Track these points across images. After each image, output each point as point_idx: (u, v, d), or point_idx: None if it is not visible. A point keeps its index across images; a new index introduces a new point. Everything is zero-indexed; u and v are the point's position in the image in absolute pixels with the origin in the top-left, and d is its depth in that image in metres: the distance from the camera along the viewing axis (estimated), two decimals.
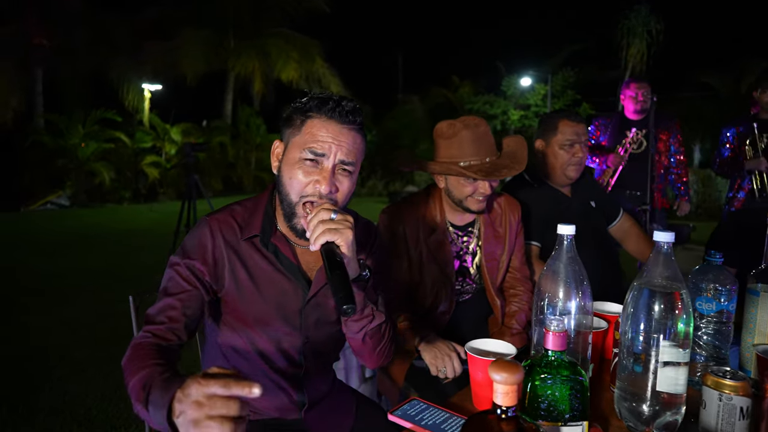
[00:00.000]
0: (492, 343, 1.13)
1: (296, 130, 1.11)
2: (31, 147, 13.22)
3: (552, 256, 1.06)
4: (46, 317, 4.47)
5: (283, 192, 1.12)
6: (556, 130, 2.16)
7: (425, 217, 1.80)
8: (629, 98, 3.80)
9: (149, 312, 1.12)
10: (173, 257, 1.18)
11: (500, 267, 1.87)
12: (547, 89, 15.91)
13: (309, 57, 17.34)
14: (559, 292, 1.04)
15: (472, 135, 1.67)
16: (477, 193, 1.70)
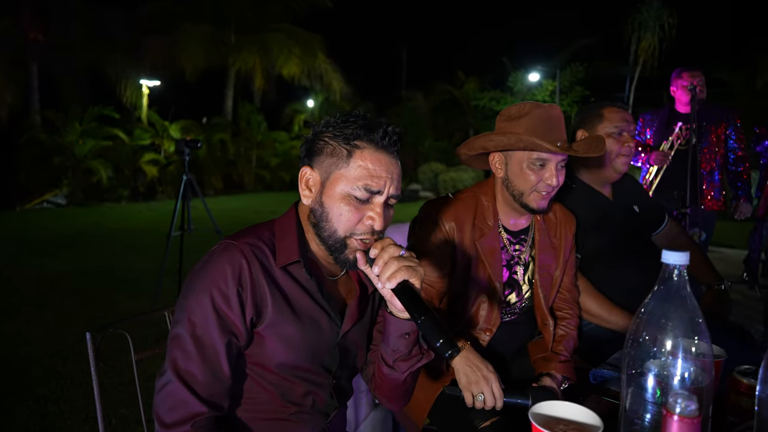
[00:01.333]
0: (563, 407, 0.83)
1: (341, 162, 1.01)
2: (27, 144, 12.95)
3: (654, 293, 0.76)
4: (31, 325, 4.20)
5: (326, 226, 1.03)
6: (602, 117, 1.88)
7: (476, 215, 1.54)
8: (682, 89, 3.43)
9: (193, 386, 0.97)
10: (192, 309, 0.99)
11: (554, 283, 1.62)
12: (555, 85, 15.57)
13: (311, 52, 17.04)
14: (666, 341, 0.74)
15: (545, 114, 1.46)
16: (542, 184, 1.46)
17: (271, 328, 1.02)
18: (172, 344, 0.99)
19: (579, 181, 1.97)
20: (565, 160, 1.48)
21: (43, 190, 12.91)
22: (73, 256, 6.97)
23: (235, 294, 0.97)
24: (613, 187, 2.02)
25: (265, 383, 1.05)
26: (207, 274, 0.99)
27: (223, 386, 0.98)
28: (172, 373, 0.96)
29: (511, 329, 1.61)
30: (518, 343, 1.64)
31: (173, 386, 0.95)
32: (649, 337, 0.76)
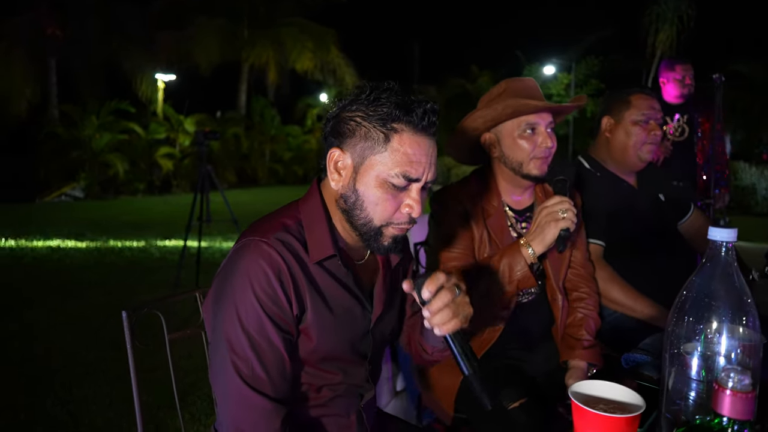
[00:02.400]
0: (603, 386, 0.83)
1: (377, 146, 0.94)
2: (45, 138, 13.18)
3: (700, 269, 0.75)
4: (54, 313, 4.28)
5: (360, 215, 0.97)
6: (629, 104, 1.85)
7: (482, 197, 1.56)
8: (674, 81, 3.44)
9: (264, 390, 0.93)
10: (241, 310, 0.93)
11: (564, 259, 1.61)
12: (570, 78, 15.39)
13: (324, 47, 17.05)
14: (712, 320, 0.73)
15: (521, 84, 1.54)
16: (538, 150, 1.47)
17: (311, 323, 0.99)
18: (227, 356, 0.92)
19: (604, 170, 1.94)
20: (552, 124, 1.51)
21: (61, 183, 13.13)
22: (92, 248, 7.07)
23: (281, 291, 0.93)
24: (638, 176, 1.99)
25: (303, 374, 1.04)
26: (245, 276, 0.93)
27: (288, 383, 0.97)
28: (242, 386, 0.91)
29: (530, 314, 1.58)
30: (540, 330, 1.61)
31: (248, 400, 0.91)
32: (694, 315, 0.75)
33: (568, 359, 1.52)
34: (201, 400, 2.83)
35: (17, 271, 5.69)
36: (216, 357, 0.95)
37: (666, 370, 0.79)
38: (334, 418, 1.08)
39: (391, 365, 2.35)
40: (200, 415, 2.72)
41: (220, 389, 0.94)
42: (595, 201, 1.83)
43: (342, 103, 1.00)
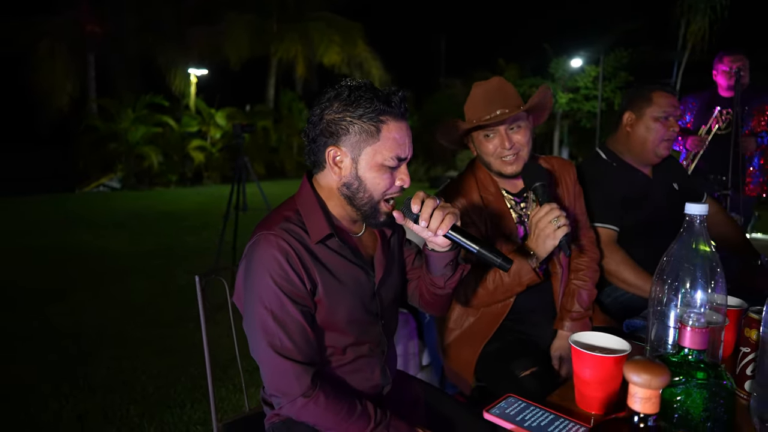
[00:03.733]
0: (597, 336, 1.00)
1: (370, 138, 1.12)
2: (85, 131, 13.72)
3: (678, 238, 0.91)
4: (99, 296, 4.59)
5: (363, 196, 1.16)
6: (651, 101, 1.97)
7: (479, 188, 1.71)
8: (722, 73, 3.44)
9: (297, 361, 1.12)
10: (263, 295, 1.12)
11: None
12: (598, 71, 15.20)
13: (351, 41, 17.22)
14: (686, 281, 0.89)
15: (481, 91, 1.64)
16: (498, 151, 1.61)
17: (323, 294, 1.15)
18: (259, 334, 1.11)
19: (619, 160, 2.08)
20: (515, 122, 1.59)
21: (99, 174, 13.68)
22: (130, 236, 7.44)
23: (293, 272, 1.10)
24: (653, 167, 2.11)
25: (327, 339, 1.22)
26: (262, 266, 1.10)
27: (313, 346, 1.14)
28: (274, 355, 1.09)
29: (536, 291, 1.69)
30: (545, 304, 1.74)
31: (281, 366, 1.09)
32: (672, 276, 0.91)
33: (557, 329, 1.68)
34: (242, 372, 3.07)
35: (63, 257, 6.06)
36: (251, 334, 1.15)
37: (650, 322, 0.95)
38: (360, 374, 1.26)
39: (418, 342, 2.54)
40: (242, 386, 2.96)
41: (259, 359, 1.14)
42: (611, 189, 1.98)
43: (321, 106, 1.16)
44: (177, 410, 2.70)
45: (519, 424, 0.89)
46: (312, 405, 1.09)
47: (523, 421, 0.90)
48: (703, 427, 0.76)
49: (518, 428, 0.89)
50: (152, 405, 2.76)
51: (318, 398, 1.09)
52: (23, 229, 7.90)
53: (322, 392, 1.10)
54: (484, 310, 1.70)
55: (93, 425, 2.56)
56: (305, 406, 1.09)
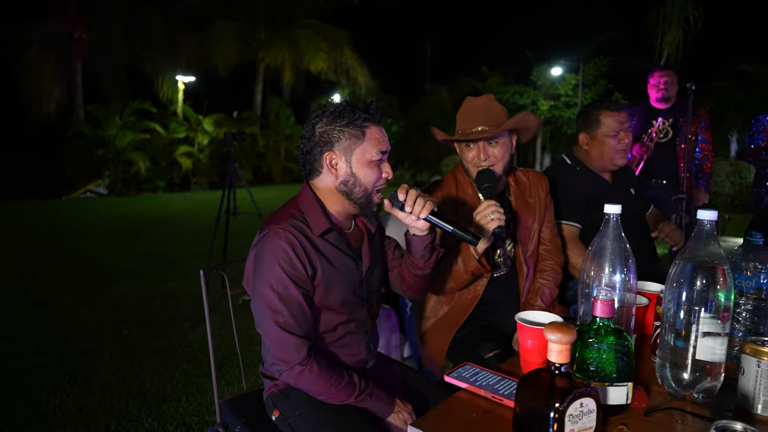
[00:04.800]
0: (539, 314, 1.22)
1: (358, 141, 1.37)
2: (72, 137, 13.74)
3: (599, 233, 1.13)
4: (95, 298, 4.72)
5: (358, 190, 1.39)
6: (600, 122, 2.23)
7: (457, 191, 1.92)
8: (652, 86, 3.81)
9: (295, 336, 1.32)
10: (272, 281, 1.31)
11: (532, 236, 1.96)
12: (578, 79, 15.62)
13: (338, 48, 17.47)
14: (605, 267, 1.11)
15: (468, 107, 1.83)
16: (475, 161, 1.82)
17: (321, 278, 1.36)
18: (265, 311, 1.30)
19: (582, 166, 2.32)
20: (493, 138, 1.78)
21: (86, 181, 13.69)
22: (121, 241, 7.55)
23: (298, 261, 1.30)
24: (613, 173, 2.36)
25: (322, 318, 1.43)
26: (271, 255, 1.30)
27: (310, 323, 1.34)
28: (277, 329, 1.29)
29: (502, 285, 1.92)
30: (511, 297, 1.95)
31: (283, 338, 1.29)
32: (595, 264, 1.13)
33: None
34: (234, 368, 3.24)
35: (53, 262, 6.17)
36: (258, 312, 1.35)
37: (579, 301, 1.17)
38: (348, 349, 1.48)
39: (399, 335, 2.75)
40: (234, 380, 3.13)
41: (264, 333, 1.34)
42: (574, 190, 2.22)
43: (311, 123, 1.40)
44: (173, 403, 2.86)
45: (472, 383, 1.10)
46: (307, 372, 1.30)
47: (475, 381, 1.11)
48: (611, 376, 0.98)
49: (471, 386, 1.10)
50: (150, 399, 2.91)
51: (312, 367, 1.30)
52: (10, 234, 7.96)
53: (316, 362, 1.31)
54: (456, 301, 1.91)
55: (94, 418, 2.71)
56: (301, 373, 1.30)
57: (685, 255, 1.04)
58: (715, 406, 1.04)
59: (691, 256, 1.03)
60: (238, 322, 1.82)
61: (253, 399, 1.59)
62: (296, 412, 1.37)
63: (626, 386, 0.99)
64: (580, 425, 0.87)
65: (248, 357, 3.32)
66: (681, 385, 1.05)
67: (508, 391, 1.06)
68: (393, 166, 6.24)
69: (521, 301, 1.95)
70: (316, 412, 1.35)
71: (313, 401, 1.36)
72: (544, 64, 16.32)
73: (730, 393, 1.06)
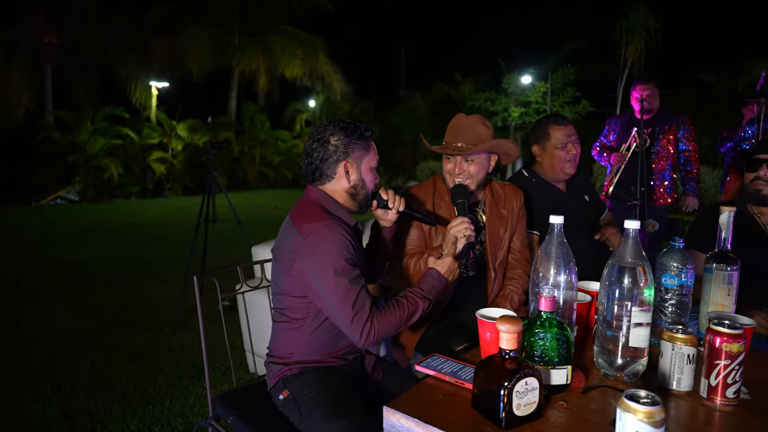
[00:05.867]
0: (497, 311, 1.40)
1: (365, 152, 1.66)
2: (41, 143, 13.49)
3: (545, 240, 1.33)
4: (73, 305, 4.75)
5: (364, 192, 1.67)
6: (549, 135, 2.45)
7: (434, 195, 2.12)
8: (635, 99, 4.00)
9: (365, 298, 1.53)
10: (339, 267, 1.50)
11: (502, 245, 2.14)
12: (547, 86, 16.11)
13: (313, 54, 17.58)
14: (551, 269, 1.30)
15: (454, 122, 2.04)
16: (450, 171, 2.03)
17: None
18: (337, 290, 1.47)
19: (539, 178, 2.54)
20: (469, 156, 1.97)
21: (56, 187, 13.45)
22: (96, 247, 7.51)
23: (352, 247, 1.52)
24: (567, 182, 2.58)
25: None
26: (333, 245, 1.49)
27: (366, 289, 1.54)
28: (350, 302, 1.46)
29: (472, 285, 2.11)
30: (479, 296, 2.14)
31: (354, 305, 1.46)
32: (543, 267, 1.32)
33: None
34: (216, 370, 3.35)
35: (28, 268, 6.14)
36: (327, 293, 1.49)
37: (530, 298, 1.36)
38: None
39: None
40: (217, 383, 3.24)
41: (332, 304, 1.48)
42: (532, 201, 2.43)
43: (324, 136, 1.62)
44: (158, 406, 2.95)
45: (439, 371, 1.28)
46: (381, 314, 1.51)
47: (441, 369, 1.29)
48: (554, 360, 1.17)
49: (438, 373, 1.27)
50: (134, 402, 3.00)
51: (376, 312, 1.51)
52: None
53: (378, 311, 1.52)
54: None
55: (79, 422, 2.78)
56: (381, 315, 1.50)
57: (615, 259, 1.24)
58: (641, 385, 1.24)
59: (619, 260, 1.23)
60: (218, 326, 1.96)
61: (244, 393, 1.74)
62: (305, 391, 1.57)
63: (566, 369, 1.18)
64: (525, 400, 1.05)
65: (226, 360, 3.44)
66: (613, 367, 1.25)
67: (468, 376, 1.24)
68: None
69: (488, 302, 2.14)
70: (322, 391, 1.56)
71: (321, 382, 1.57)
72: (514, 72, 16.76)
73: (653, 373, 1.26)
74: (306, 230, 1.53)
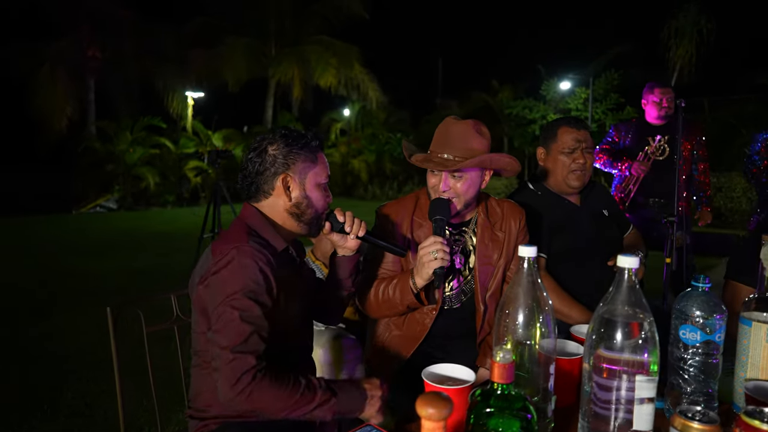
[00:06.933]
0: (452, 368, 1.07)
1: (312, 164, 1.41)
2: (83, 153, 13.95)
3: (512, 280, 1.00)
4: (83, 317, 4.67)
5: (311, 212, 1.42)
6: (556, 137, 2.09)
7: (415, 211, 1.77)
8: (652, 103, 3.65)
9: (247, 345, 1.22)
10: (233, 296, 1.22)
11: (495, 273, 1.76)
12: (588, 93, 15.39)
13: (348, 63, 17.52)
14: (518, 317, 0.97)
15: (442, 129, 1.71)
16: (434, 187, 1.68)
17: (279, 297, 1.32)
18: (228, 328, 1.20)
19: (546, 190, 2.16)
20: (457, 171, 1.62)
21: (96, 195, 13.86)
22: (122, 256, 7.54)
23: (263, 278, 1.25)
24: (581, 194, 2.20)
25: (272, 337, 1.32)
26: (234, 270, 1.23)
27: (266, 340, 1.24)
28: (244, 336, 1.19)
29: (455, 320, 1.75)
30: (464, 333, 1.76)
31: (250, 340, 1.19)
32: (510, 310, 0.99)
33: (480, 365, 1.69)
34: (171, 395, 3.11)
35: (54, 277, 6.18)
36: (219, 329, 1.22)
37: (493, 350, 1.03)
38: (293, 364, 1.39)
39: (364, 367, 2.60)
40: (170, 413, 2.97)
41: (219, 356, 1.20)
42: (538, 218, 2.06)
43: (262, 145, 1.39)
44: None
45: None
46: (266, 382, 1.17)
47: None
48: None
49: None
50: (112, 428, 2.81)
51: (266, 374, 1.19)
52: (13, 249, 8.03)
53: (268, 370, 1.20)
54: (405, 330, 1.75)
55: None
56: (260, 382, 1.17)
57: (604, 308, 0.90)
58: None
59: (609, 310, 0.89)
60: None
61: None
62: None
63: None
64: None
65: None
66: None
67: None
68: (402, 182, 6.27)
69: (477, 341, 1.78)
70: None
71: None
72: (554, 78, 16.13)
73: None
74: (218, 253, 1.28)
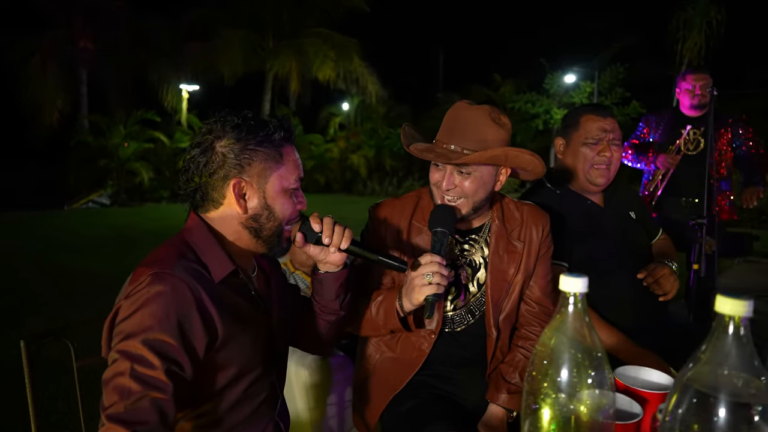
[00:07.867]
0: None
1: (275, 164, 1.09)
2: (75, 147, 13.67)
3: (554, 319, 0.70)
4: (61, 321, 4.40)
5: (271, 225, 1.10)
6: (578, 125, 1.80)
7: (415, 214, 1.46)
8: (685, 91, 3.32)
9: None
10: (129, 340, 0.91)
11: (511, 291, 1.46)
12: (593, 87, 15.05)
13: (347, 56, 17.16)
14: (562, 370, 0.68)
15: (452, 115, 1.41)
16: (437, 183, 1.39)
17: (223, 343, 1.01)
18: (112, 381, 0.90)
19: (565, 189, 1.87)
20: (465, 167, 1.34)
21: (89, 191, 13.59)
22: (111, 255, 7.30)
23: (186, 322, 0.94)
24: (605, 194, 1.91)
25: (216, 395, 1.05)
26: (141, 306, 0.93)
27: (170, 420, 0.91)
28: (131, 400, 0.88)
29: (462, 342, 1.46)
30: (471, 358, 1.47)
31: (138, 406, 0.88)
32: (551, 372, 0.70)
33: (490, 400, 1.42)
34: None
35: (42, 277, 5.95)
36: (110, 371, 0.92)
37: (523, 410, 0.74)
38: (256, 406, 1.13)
39: None
40: None
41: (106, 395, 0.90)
42: (558, 222, 1.76)
43: (207, 140, 1.06)
44: None
45: None
46: None
47: None
48: None
49: None
50: None
51: None
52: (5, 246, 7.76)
53: None
54: (399, 353, 1.46)
55: None
56: None
57: (695, 370, 0.60)
58: None
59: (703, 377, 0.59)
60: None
61: None
62: None
63: None
64: None
65: None
66: None
67: None
68: (402, 177, 5.75)
69: (487, 372, 1.48)
70: None
71: None
72: (557, 72, 15.77)
73: None
74: (133, 280, 0.99)
